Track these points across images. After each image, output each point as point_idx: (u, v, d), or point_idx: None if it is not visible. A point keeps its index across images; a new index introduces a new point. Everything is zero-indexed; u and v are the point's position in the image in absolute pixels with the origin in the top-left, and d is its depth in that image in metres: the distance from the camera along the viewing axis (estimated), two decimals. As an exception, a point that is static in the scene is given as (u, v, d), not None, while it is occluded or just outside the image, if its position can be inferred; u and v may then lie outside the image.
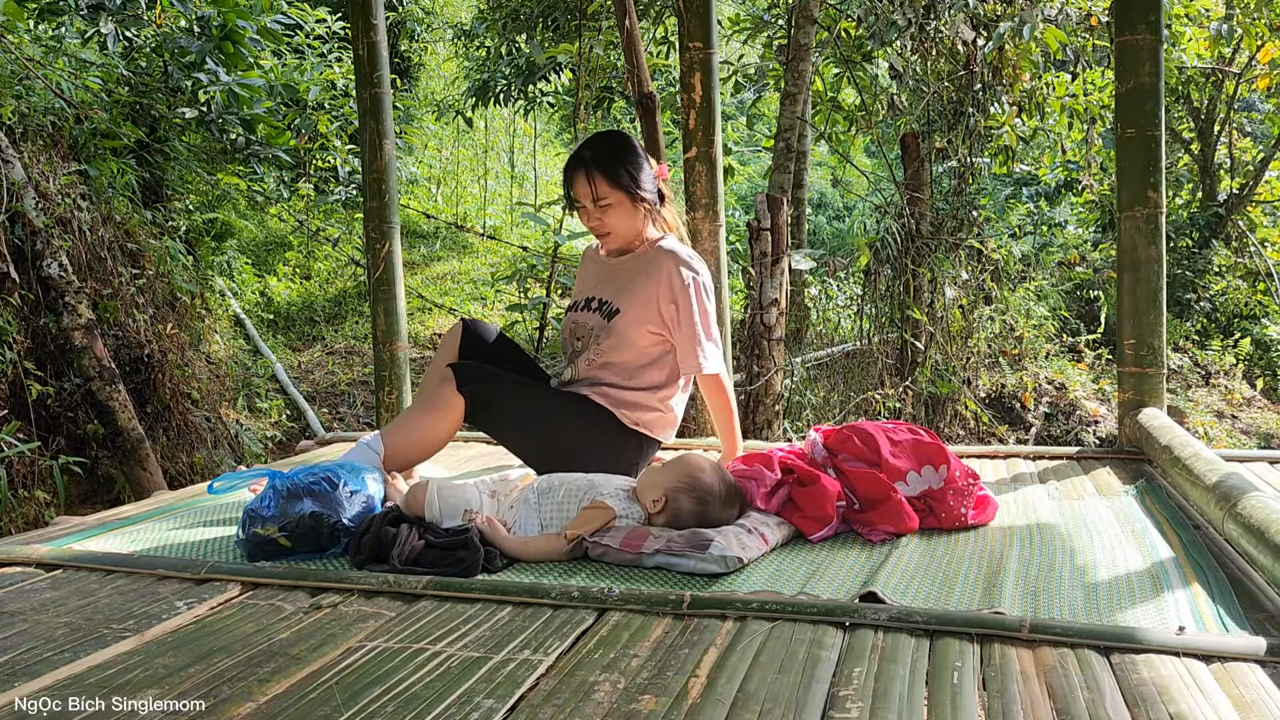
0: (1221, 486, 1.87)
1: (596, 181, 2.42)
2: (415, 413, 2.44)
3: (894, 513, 2.04)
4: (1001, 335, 6.30)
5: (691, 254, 2.50)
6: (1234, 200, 8.67)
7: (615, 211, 2.45)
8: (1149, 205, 2.91)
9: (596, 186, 2.42)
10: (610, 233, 2.49)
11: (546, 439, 2.41)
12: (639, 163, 2.46)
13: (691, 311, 2.40)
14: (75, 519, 2.37)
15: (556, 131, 13.20)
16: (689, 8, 3.51)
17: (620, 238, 2.51)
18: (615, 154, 2.44)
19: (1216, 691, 1.25)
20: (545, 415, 2.42)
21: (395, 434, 2.40)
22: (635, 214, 2.47)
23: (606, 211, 2.45)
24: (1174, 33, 7.53)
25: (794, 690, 1.27)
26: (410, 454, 2.41)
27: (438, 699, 1.26)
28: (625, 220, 2.47)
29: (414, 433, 2.40)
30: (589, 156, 2.44)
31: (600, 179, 2.42)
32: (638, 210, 2.46)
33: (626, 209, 2.45)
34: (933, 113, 6.19)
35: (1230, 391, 7.31)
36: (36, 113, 4.32)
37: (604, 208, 2.44)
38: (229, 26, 5.47)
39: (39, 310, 3.92)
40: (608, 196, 2.42)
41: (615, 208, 2.44)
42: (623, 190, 2.42)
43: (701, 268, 2.47)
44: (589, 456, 2.32)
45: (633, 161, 2.45)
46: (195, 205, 6.52)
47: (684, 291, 2.40)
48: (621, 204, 2.44)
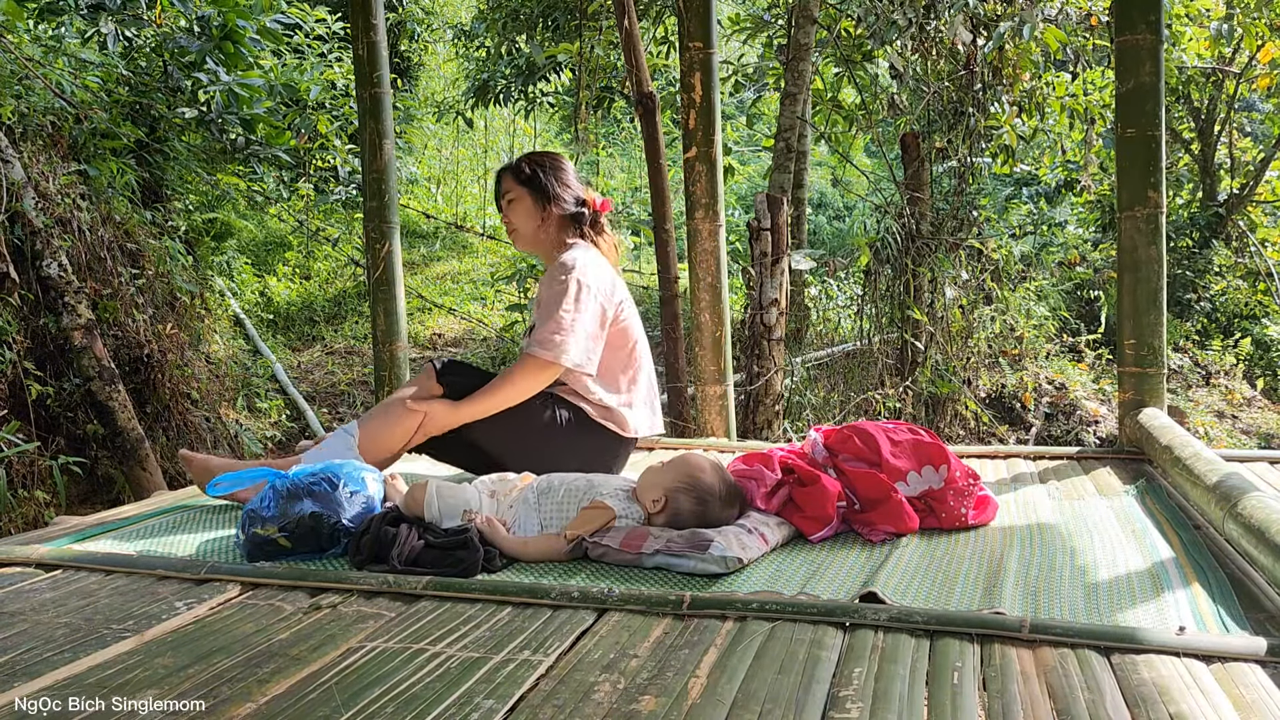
0: (1222, 486, 1.87)
1: (505, 178, 2.62)
2: (393, 402, 2.45)
3: (894, 513, 2.04)
4: (1002, 335, 6.29)
5: (582, 260, 2.46)
6: (1234, 200, 8.67)
7: (518, 207, 2.59)
8: (1149, 205, 2.91)
9: (503, 182, 2.62)
10: (515, 230, 2.62)
11: (521, 432, 2.43)
12: (557, 173, 2.59)
13: (551, 299, 2.41)
14: (75, 519, 2.37)
15: (556, 131, 13.20)
16: (689, 7, 3.51)
17: (523, 237, 2.62)
18: (532, 159, 2.63)
19: (1217, 692, 1.25)
20: (519, 408, 2.43)
21: (371, 422, 2.41)
22: (536, 214, 2.57)
23: (512, 208, 2.60)
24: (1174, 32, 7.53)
25: (794, 690, 1.27)
26: (384, 442, 2.40)
27: (437, 699, 1.26)
28: (526, 218, 2.58)
29: (389, 421, 2.40)
30: (510, 164, 2.65)
31: (508, 176, 2.61)
32: (538, 211, 2.57)
33: (528, 206, 2.57)
34: (933, 112, 6.19)
35: (1230, 391, 7.31)
36: (36, 112, 4.32)
37: (510, 203, 2.60)
38: (229, 26, 5.47)
39: (39, 310, 3.92)
40: (511, 191, 2.59)
41: (518, 203, 2.59)
42: (524, 185, 2.57)
43: (581, 272, 2.42)
44: (561, 451, 2.38)
45: (547, 168, 2.59)
46: (195, 205, 6.52)
47: (554, 284, 2.42)
48: (523, 200, 2.58)
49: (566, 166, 2.64)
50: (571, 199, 2.59)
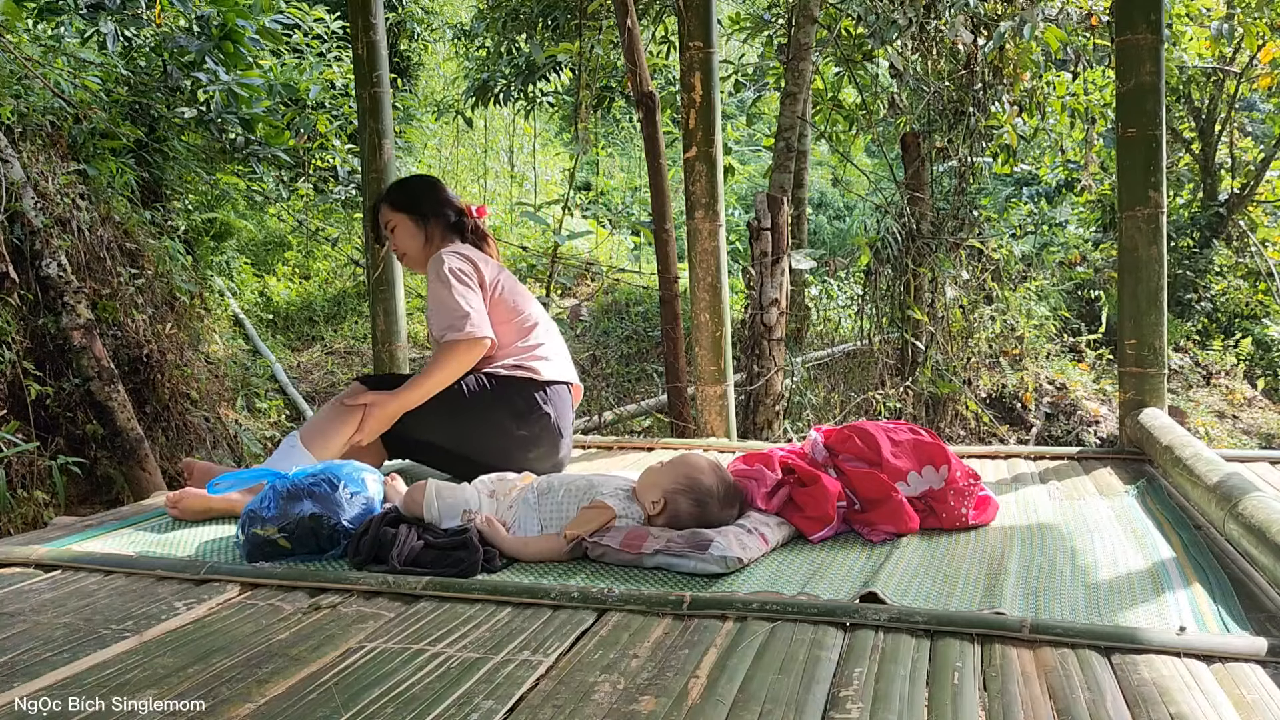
0: (1222, 487, 1.86)
1: (383, 210, 2.75)
2: (330, 405, 2.50)
3: (895, 513, 2.04)
4: (1002, 335, 6.29)
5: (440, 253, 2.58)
6: (1235, 200, 8.67)
7: (400, 232, 2.72)
8: (1150, 205, 2.91)
9: (383, 214, 2.74)
10: (404, 254, 2.75)
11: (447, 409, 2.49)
12: (428, 192, 2.74)
13: (434, 292, 2.52)
14: (74, 519, 2.37)
15: (556, 131, 13.20)
16: (689, 7, 3.51)
17: (412, 259, 2.74)
18: (400, 185, 2.79)
19: (1217, 692, 1.25)
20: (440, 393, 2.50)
21: (314, 426, 2.46)
22: (418, 233, 2.71)
23: (395, 235, 2.73)
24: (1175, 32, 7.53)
25: (794, 691, 1.27)
26: (328, 441, 2.44)
27: (437, 700, 1.26)
28: (409, 239, 2.72)
29: (332, 419, 2.45)
30: (383, 194, 2.80)
31: (385, 207, 2.74)
32: (420, 230, 2.70)
33: (407, 228, 2.71)
34: (933, 112, 6.19)
35: (1231, 391, 7.30)
36: (35, 112, 4.31)
37: (391, 230, 2.73)
38: (228, 26, 5.46)
39: (38, 310, 3.91)
40: (390, 219, 2.73)
41: (399, 228, 2.72)
42: (400, 211, 2.71)
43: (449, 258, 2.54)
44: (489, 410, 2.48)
45: (416, 190, 2.74)
46: (194, 205, 6.52)
47: (431, 278, 2.54)
48: (402, 224, 2.71)
49: (438, 184, 2.79)
50: (451, 211, 2.74)
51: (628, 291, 8.49)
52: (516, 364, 2.58)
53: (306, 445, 2.40)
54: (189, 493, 2.29)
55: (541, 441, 2.57)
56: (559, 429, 2.59)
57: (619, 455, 3.17)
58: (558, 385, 2.62)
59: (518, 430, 2.51)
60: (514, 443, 2.52)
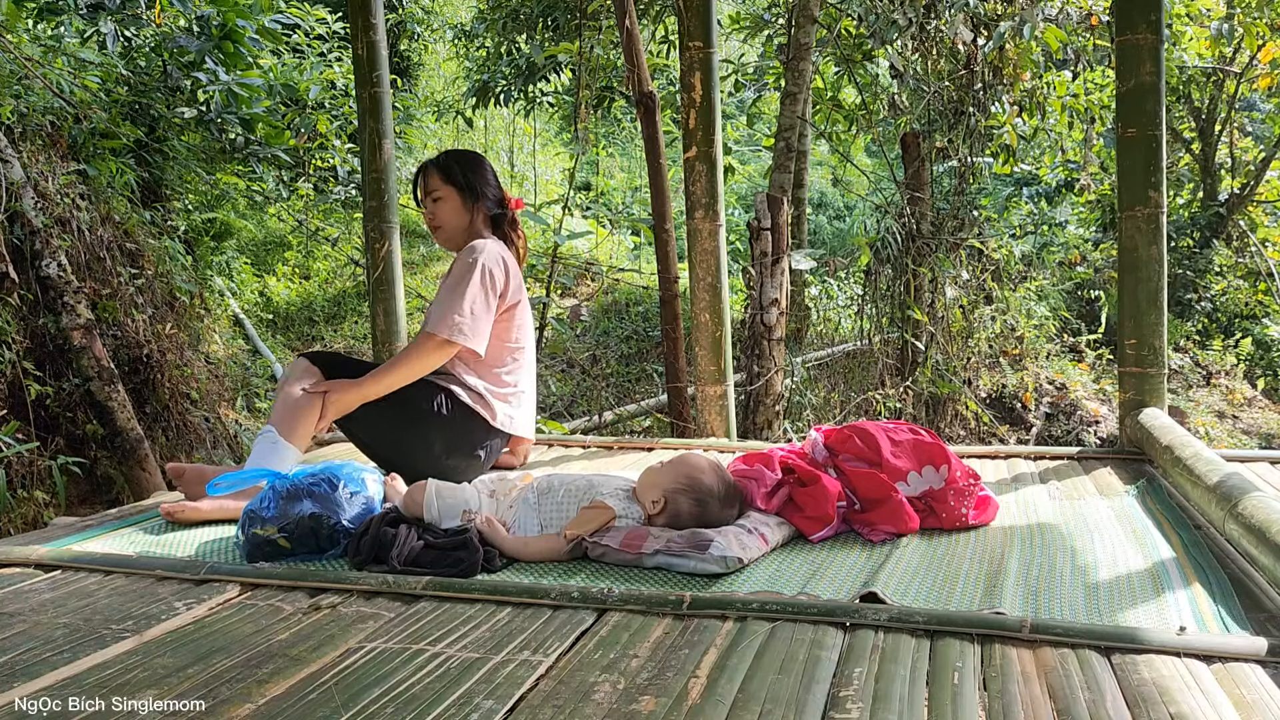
0: (1222, 487, 1.86)
1: (431, 176, 2.66)
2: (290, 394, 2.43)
3: (895, 513, 2.04)
4: (1002, 335, 6.29)
5: (492, 248, 2.55)
6: (1235, 200, 8.67)
7: (445, 205, 2.65)
8: (1150, 205, 2.91)
9: (429, 180, 2.66)
10: (440, 226, 2.68)
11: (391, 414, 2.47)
12: (480, 172, 2.68)
13: (453, 277, 2.49)
14: (74, 519, 2.37)
15: (556, 131, 13.20)
16: (689, 7, 3.51)
17: (446, 233, 2.68)
18: (457, 158, 2.71)
19: (1217, 692, 1.25)
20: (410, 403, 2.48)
21: (285, 417, 2.40)
22: (464, 213, 2.65)
23: (438, 205, 2.65)
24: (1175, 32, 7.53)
25: (794, 691, 1.27)
26: (301, 431, 2.40)
27: (437, 700, 1.26)
28: (453, 215, 2.65)
29: (299, 409, 2.39)
30: (434, 158, 2.72)
31: (434, 173, 2.66)
32: (466, 210, 2.65)
33: (455, 204, 2.65)
34: (933, 112, 6.19)
35: (1231, 391, 7.30)
36: (36, 112, 4.31)
37: (436, 201, 2.65)
38: (228, 26, 5.46)
39: (38, 310, 3.91)
40: (438, 190, 2.65)
41: (445, 201, 2.65)
42: (452, 185, 2.64)
43: (489, 257, 2.51)
44: (428, 430, 2.45)
45: (471, 167, 2.68)
46: (194, 205, 6.52)
47: (461, 264, 2.50)
48: (450, 199, 2.64)
49: (488, 166, 2.74)
50: (494, 199, 2.70)
51: (628, 291, 8.50)
52: (483, 396, 2.55)
53: (288, 438, 2.36)
54: (186, 507, 2.26)
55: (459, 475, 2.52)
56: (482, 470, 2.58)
57: (619, 455, 3.16)
58: (504, 436, 2.62)
59: (445, 460, 2.50)
60: (434, 467, 2.45)
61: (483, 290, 2.47)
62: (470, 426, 2.52)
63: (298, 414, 2.39)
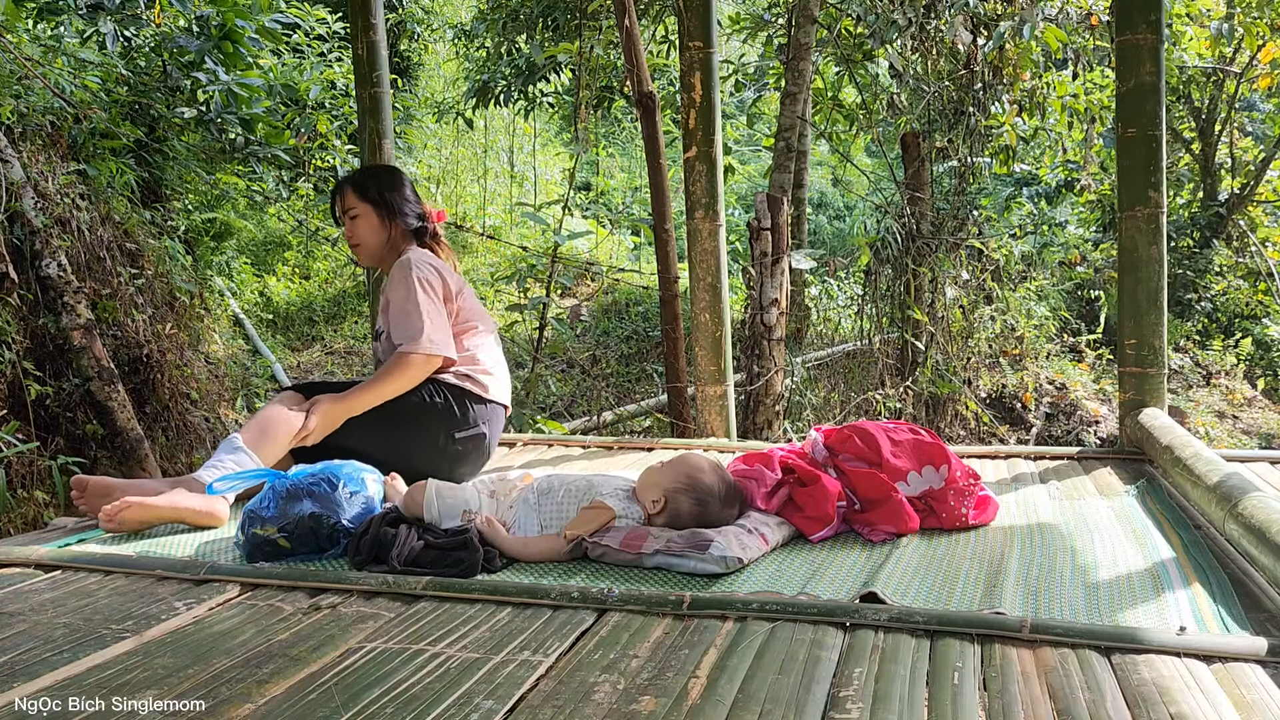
0: (1222, 487, 1.86)
1: (346, 193, 2.69)
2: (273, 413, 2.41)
3: (895, 513, 2.04)
4: (1002, 335, 6.29)
5: (418, 256, 2.59)
6: (1235, 200, 8.68)
7: (361, 223, 2.67)
8: (1150, 205, 2.91)
9: (345, 198, 2.69)
10: (359, 244, 2.70)
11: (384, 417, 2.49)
12: (397, 188, 2.71)
13: (398, 296, 2.52)
14: (74, 519, 2.37)
15: (556, 131, 13.20)
16: (689, 7, 3.51)
17: (367, 250, 2.70)
18: (372, 174, 2.77)
19: (1217, 692, 1.25)
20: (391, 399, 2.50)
21: (257, 430, 2.37)
22: (381, 229, 2.67)
23: (356, 223, 2.68)
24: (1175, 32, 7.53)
25: (794, 691, 1.27)
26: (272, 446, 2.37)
27: (437, 700, 1.26)
28: (370, 232, 2.67)
29: (276, 421, 2.38)
30: (349, 176, 2.75)
31: (350, 191, 2.69)
32: (384, 226, 2.67)
33: (371, 221, 2.67)
34: (933, 112, 6.19)
35: (1231, 391, 7.30)
36: (35, 112, 4.31)
37: (352, 219, 2.68)
38: (228, 26, 5.46)
39: (38, 310, 3.91)
40: (354, 207, 2.67)
41: (362, 218, 2.67)
42: (368, 202, 2.67)
43: (418, 266, 2.55)
44: (426, 420, 2.49)
45: (387, 184, 2.70)
46: (194, 205, 6.52)
47: (401, 284, 2.52)
48: (367, 215, 2.67)
49: (406, 182, 2.76)
50: (413, 214, 2.72)
51: (628, 291, 8.49)
52: (466, 373, 2.59)
53: (250, 448, 2.33)
54: (130, 503, 2.13)
55: (469, 458, 2.59)
56: (488, 449, 2.65)
57: (619, 455, 3.16)
58: (496, 405, 2.65)
59: (451, 445, 2.52)
60: (443, 456, 2.52)
61: (429, 298, 2.52)
62: (465, 405, 2.56)
63: (269, 427, 2.36)
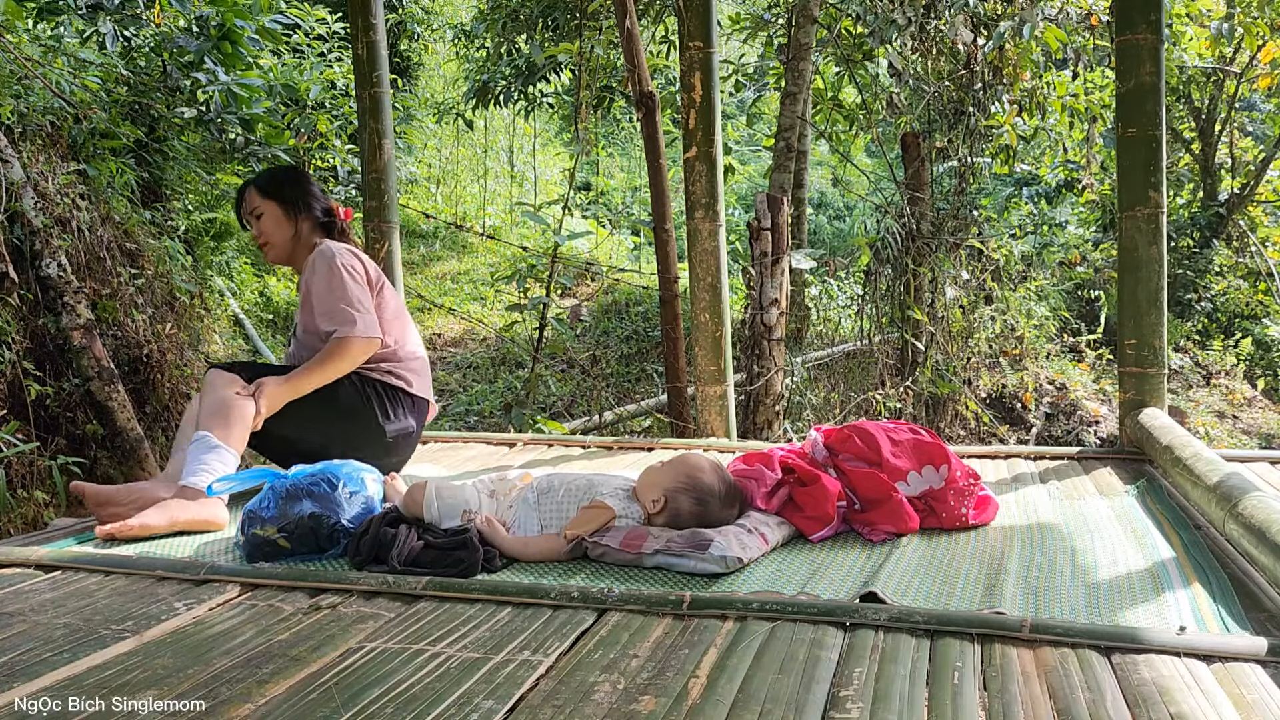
0: (1222, 487, 1.86)
1: (249, 195, 2.73)
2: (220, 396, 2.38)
3: (895, 513, 2.04)
4: (1002, 335, 6.29)
5: (334, 247, 2.61)
6: (1235, 200, 8.68)
7: (267, 220, 2.71)
8: (1150, 205, 2.91)
9: (250, 199, 2.72)
10: (267, 242, 2.73)
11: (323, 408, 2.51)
12: (300, 184, 2.75)
13: (320, 284, 2.54)
14: (74, 519, 2.37)
15: (556, 131, 13.21)
16: (689, 7, 3.51)
17: (275, 248, 2.73)
18: (275, 173, 2.80)
19: (1217, 692, 1.25)
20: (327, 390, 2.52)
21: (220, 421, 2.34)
22: (286, 225, 2.71)
23: (261, 221, 2.71)
24: (1175, 32, 7.53)
25: (794, 691, 1.27)
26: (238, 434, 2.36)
27: (437, 700, 1.26)
28: (276, 229, 2.71)
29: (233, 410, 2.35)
30: (252, 177, 2.81)
31: (252, 190, 2.73)
32: (290, 222, 2.71)
33: (276, 217, 2.70)
34: (933, 112, 6.19)
35: (1231, 392, 7.30)
36: (35, 112, 4.31)
37: (257, 217, 2.71)
38: (228, 26, 5.46)
39: (38, 310, 3.91)
40: (258, 206, 2.71)
41: (267, 216, 2.71)
42: (272, 199, 2.70)
43: (343, 250, 2.59)
44: (352, 410, 2.54)
45: (290, 181, 2.75)
46: (194, 205, 6.51)
47: (322, 275, 2.54)
48: (271, 212, 2.70)
49: (309, 179, 2.81)
50: (319, 209, 2.75)
51: (628, 291, 8.50)
52: (390, 370, 2.63)
53: (225, 442, 2.31)
54: (129, 527, 2.12)
55: (401, 449, 2.65)
56: (414, 442, 2.72)
57: (619, 455, 3.16)
58: (422, 401, 2.71)
59: (386, 437, 2.58)
60: (382, 447, 2.58)
61: (355, 284, 2.55)
62: (394, 396, 2.62)
63: (231, 416, 2.34)
